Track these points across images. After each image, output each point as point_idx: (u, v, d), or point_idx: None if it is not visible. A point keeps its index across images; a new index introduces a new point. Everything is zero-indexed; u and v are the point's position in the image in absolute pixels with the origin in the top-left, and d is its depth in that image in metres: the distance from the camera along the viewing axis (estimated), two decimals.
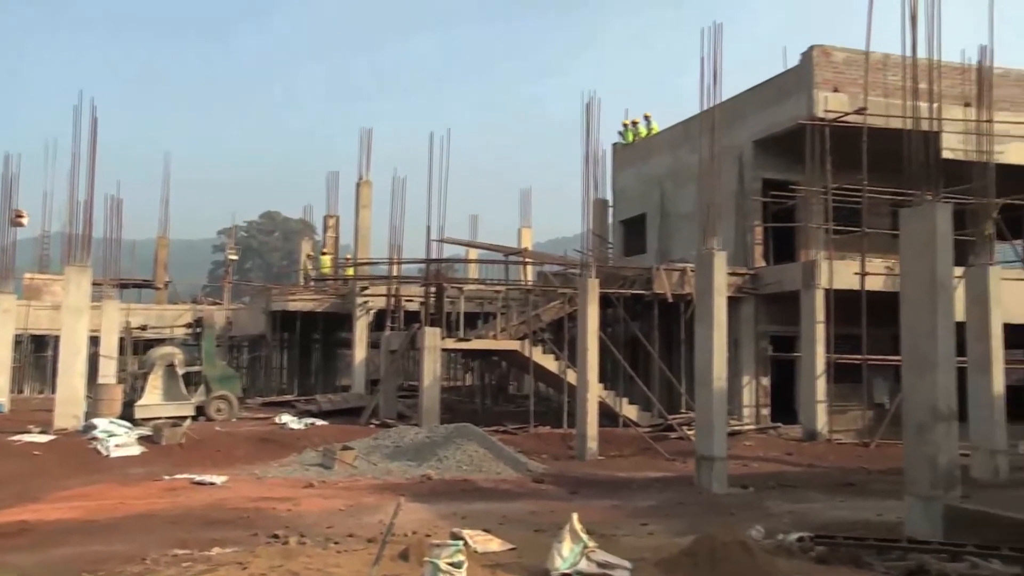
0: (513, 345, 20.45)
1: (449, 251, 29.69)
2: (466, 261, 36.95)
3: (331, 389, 30.13)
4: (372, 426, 19.85)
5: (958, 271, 13.43)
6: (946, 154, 15.16)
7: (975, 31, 15.95)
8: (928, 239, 9.21)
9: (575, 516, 7.71)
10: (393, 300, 24.69)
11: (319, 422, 20.33)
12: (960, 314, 12.98)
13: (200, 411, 20.84)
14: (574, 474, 14.76)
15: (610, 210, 28.73)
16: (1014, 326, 16.69)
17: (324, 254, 33.80)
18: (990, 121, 16.11)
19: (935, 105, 10.06)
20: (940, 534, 8.62)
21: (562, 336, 20.55)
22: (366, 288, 26.56)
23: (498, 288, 23.60)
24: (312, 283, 31.69)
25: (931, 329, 9.09)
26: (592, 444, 16.84)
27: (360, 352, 26.47)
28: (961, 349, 11.14)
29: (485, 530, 9.15)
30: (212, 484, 12.98)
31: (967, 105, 17.53)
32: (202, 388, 21.46)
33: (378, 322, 25.91)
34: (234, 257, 48.65)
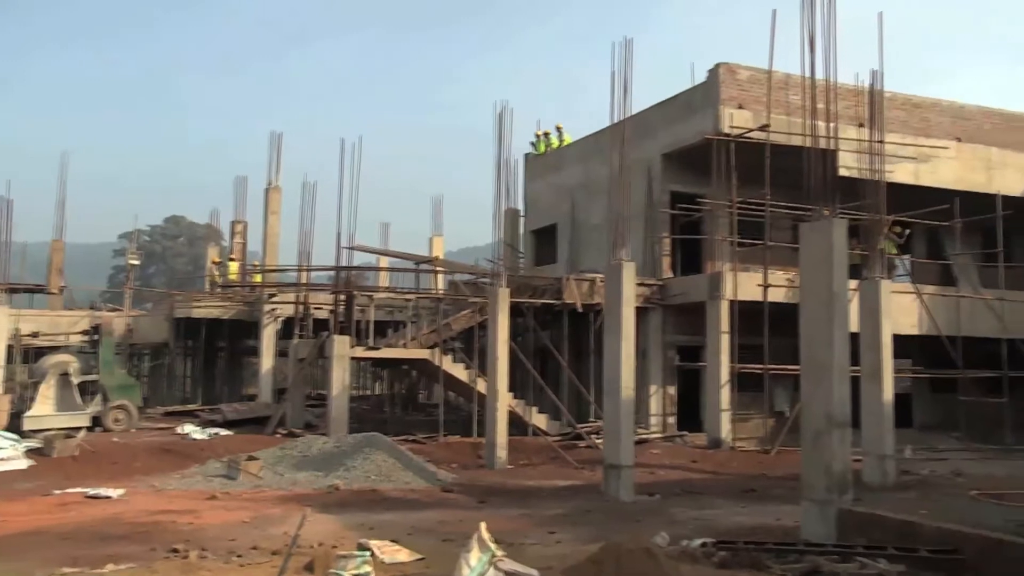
0: (423, 354, 20.36)
1: (359, 259, 29.41)
2: (377, 269, 36.56)
3: (237, 398, 29.40)
4: (279, 436, 19.46)
5: (853, 284, 13.98)
6: (842, 172, 15.76)
7: (867, 56, 16.68)
8: (825, 253, 9.57)
9: (483, 525, 7.70)
10: (302, 308, 24.29)
11: (224, 432, 19.82)
12: (854, 325, 13.56)
13: (96, 422, 20.06)
14: (483, 483, 14.76)
15: (522, 220, 28.92)
16: (901, 337, 17.54)
17: (231, 260, 32.98)
18: (881, 141, 16.87)
19: (832, 124, 10.46)
20: (834, 536, 8.93)
21: (472, 345, 20.56)
22: (274, 295, 26.05)
23: (409, 296, 23.47)
24: (218, 290, 30.89)
25: (828, 339, 9.43)
26: (501, 453, 16.87)
27: (267, 361, 25.93)
28: (855, 359, 11.61)
29: (393, 540, 9.06)
30: (107, 498, 12.49)
31: (861, 126, 18.33)
32: (99, 398, 20.67)
33: (286, 330, 25.43)
34: (136, 262, 46.93)
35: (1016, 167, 23.46)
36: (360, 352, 20.25)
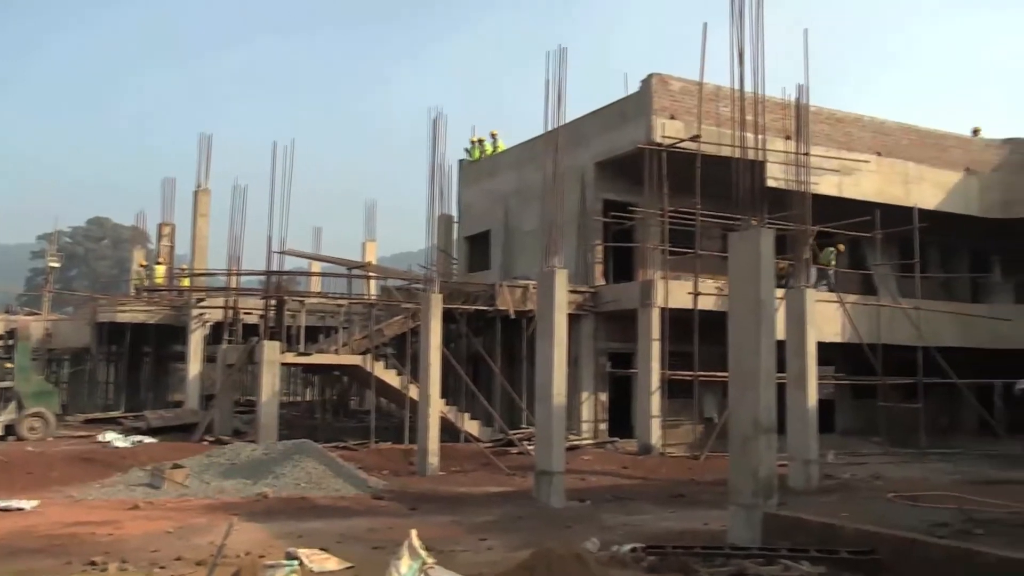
0: (355, 360, 20.16)
1: (291, 263, 28.95)
2: (309, 274, 36.16)
3: (162, 405, 28.66)
4: (206, 443, 19.04)
5: (779, 293, 14.31)
6: (770, 183, 16.13)
7: (794, 70, 17.15)
8: (753, 262, 9.77)
9: (414, 532, 7.66)
10: (231, 312, 23.83)
11: (148, 440, 19.31)
12: (781, 333, 13.89)
13: (10, 430, 19.35)
14: (414, 490, 14.67)
15: (455, 226, 28.91)
16: (825, 344, 18.04)
17: (158, 263, 32.20)
18: (807, 154, 17.32)
19: (760, 137, 10.72)
20: (759, 540, 9.12)
21: (405, 351, 20.44)
22: (203, 300, 25.51)
23: (341, 302, 23.23)
24: (144, 293, 30.10)
25: (755, 347, 9.63)
26: (433, 460, 16.80)
27: (195, 366, 25.38)
28: (781, 366, 11.89)
29: (322, 548, 8.93)
30: (19, 510, 11.94)
31: (788, 138, 18.78)
32: (13, 405, 19.94)
33: (215, 335, 24.93)
34: (55, 264, 45.48)
35: (931, 182, 24.37)
36: (291, 358, 19.96)
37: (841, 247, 22.68)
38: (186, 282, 28.86)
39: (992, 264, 26.58)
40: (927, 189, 24.20)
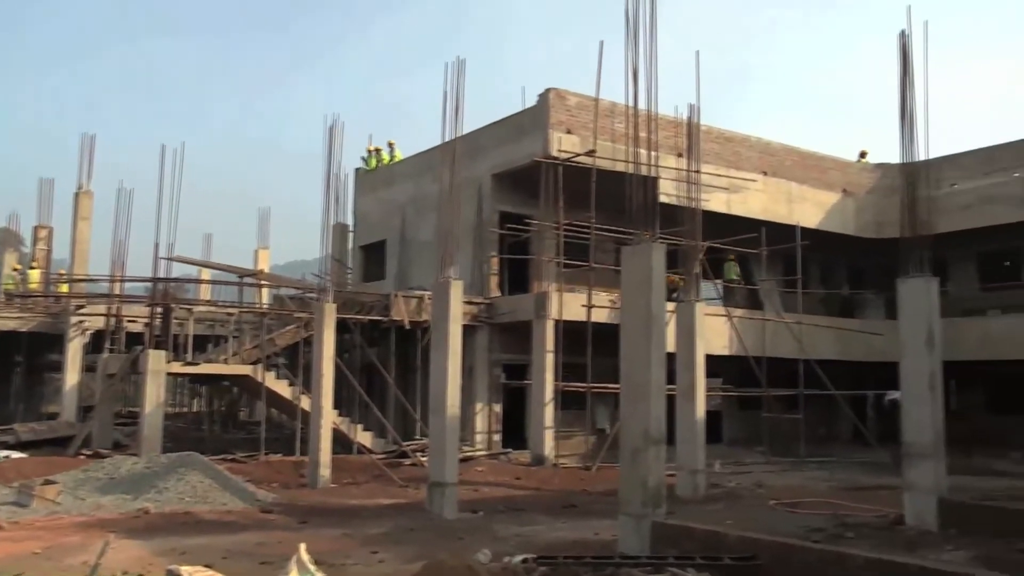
0: (245, 370, 19.64)
1: (179, 270, 28.05)
2: (198, 281, 35.01)
3: (35, 417, 27.16)
4: (83, 457, 18.16)
5: (670, 306, 14.68)
6: (662, 198, 16.53)
7: (685, 89, 17.67)
8: (645, 276, 9.99)
9: (303, 546, 7.50)
10: (114, 320, 22.87)
11: (16, 454, 18.25)
12: (671, 345, 14.25)
13: None
14: (305, 503, 14.37)
15: (351, 235, 28.57)
16: (713, 357, 18.62)
17: (33, 267, 30.62)
18: (698, 171, 17.86)
19: (653, 153, 10.99)
20: (648, 548, 9.30)
21: (297, 361, 20.05)
22: (82, 307, 24.37)
23: (231, 310, 22.58)
24: (17, 299, 28.54)
25: (646, 359, 9.84)
26: (325, 472, 16.50)
27: (72, 376, 24.18)
28: (671, 378, 12.19)
29: (206, 565, 8.63)
30: None
31: (680, 155, 19.33)
32: None
33: (96, 344, 23.84)
34: None
35: (812, 201, 25.52)
36: (177, 368, 19.28)
37: (733, 257, 23.60)
38: (65, 288, 27.53)
39: (867, 281, 27.97)
40: (809, 208, 25.31)
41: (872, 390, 24.46)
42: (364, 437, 19.85)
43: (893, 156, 13.00)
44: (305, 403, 18.38)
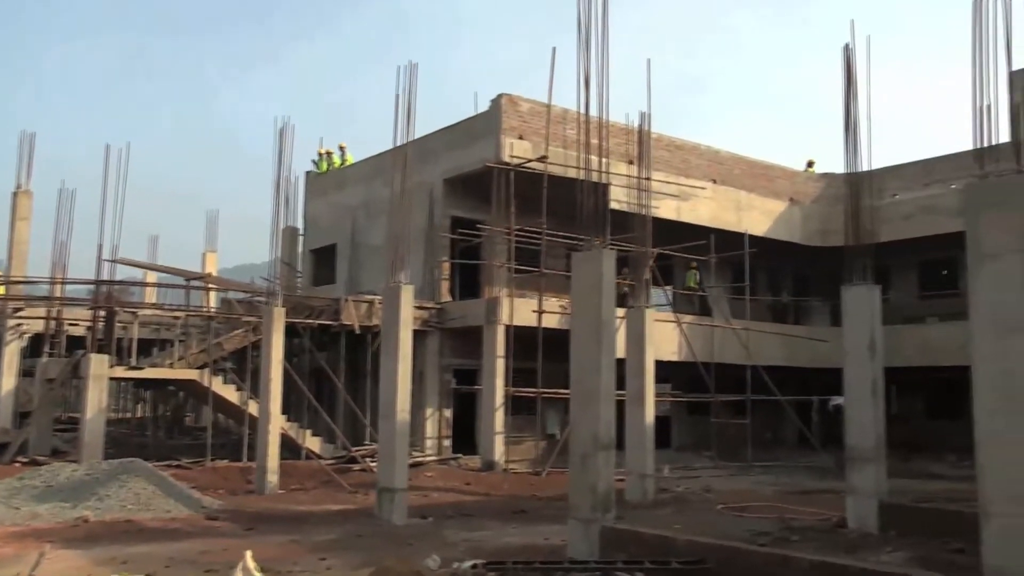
0: (191, 374, 19.31)
1: (123, 272, 27.50)
2: (143, 284, 34.37)
3: None
4: (19, 464, 17.66)
5: (620, 312, 14.78)
6: (613, 205, 16.63)
7: (637, 97, 17.87)
8: (595, 281, 10.05)
9: (248, 554, 7.39)
10: (54, 324, 22.31)
11: None
12: (622, 351, 14.35)
13: None
14: (252, 509, 14.15)
15: (301, 238, 28.27)
16: (663, 363, 18.80)
17: None
18: (648, 179, 18.04)
19: (604, 160, 11.06)
20: (597, 553, 9.35)
21: (245, 366, 19.76)
22: (20, 309, 23.71)
23: (177, 314, 22.19)
24: None
25: (596, 365, 9.89)
26: (272, 477, 16.28)
27: (8, 381, 23.47)
28: (621, 383, 12.28)
29: (148, 574, 8.47)
30: None
31: (630, 163, 19.48)
32: None
33: (34, 347, 23.22)
34: None
35: (760, 210, 25.92)
36: (120, 372, 18.88)
37: (695, 266, 23.92)
38: (1, 290, 26.78)
39: (812, 288, 28.48)
40: (756, 216, 25.71)
41: (817, 395, 24.92)
42: (313, 442, 19.63)
43: (840, 166, 13.26)
44: (253, 408, 18.13)
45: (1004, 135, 7.86)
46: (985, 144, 7.71)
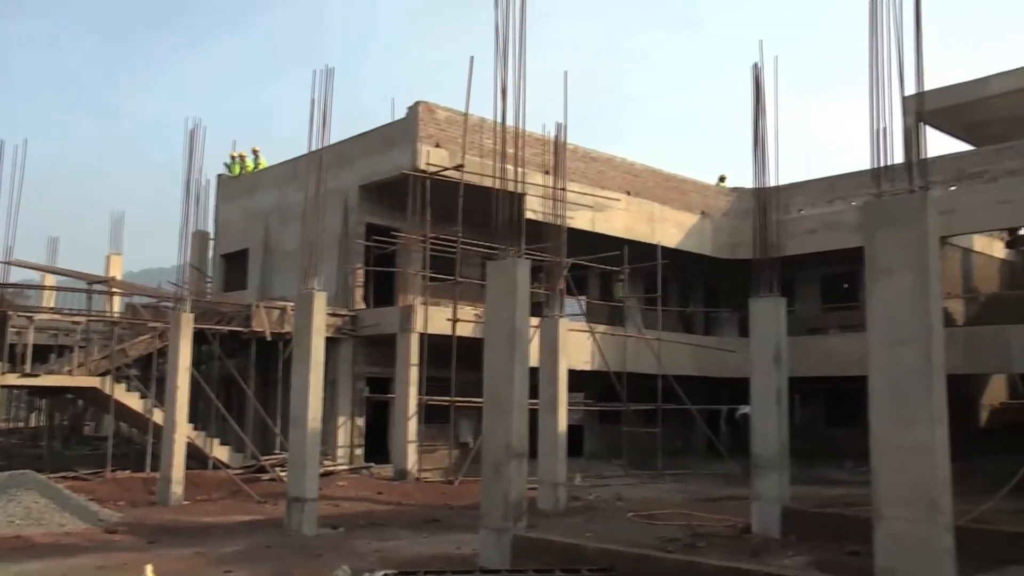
0: (92, 382, 18.60)
1: (19, 275, 26.32)
2: (40, 287, 33.01)
3: None
4: None
5: (534, 321, 14.89)
6: (528, 215, 16.78)
7: (554, 108, 18.03)
8: (509, 290, 10.11)
9: (149, 568, 7.17)
10: None
11: None
12: (535, 360, 14.45)
13: None
14: (154, 521, 13.71)
15: (211, 243, 27.60)
16: (576, 372, 19.00)
17: None
18: (564, 189, 18.23)
19: (520, 170, 11.13)
20: (508, 562, 9.38)
21: (151, 373, 19.16)
22: None
23: (78, 319, 21.34)
24: None
25: (509, 373, 9.94)
26: (177, 488, 15.82)
27: None
28: (534, 392, 12.36)
29: None
30: None
31: (546, 173, 19.66)
32: None
33: None
34: None
35: (673, 222, 26.48)
36: (13, 379, 18.05)
37: (623, 278, 24.32)
38: None
39: (722, 300, 29.21)
40: (669, 229, 26.24)
41: (725, 405, 25.55)
42: (221, 452, 19.15)
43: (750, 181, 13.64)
44: (158, 416, 17.60)
45: (899, 156, 8.23)
46: (881, 164, 8.05)
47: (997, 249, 28.79)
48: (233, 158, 27.52)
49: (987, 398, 27.04)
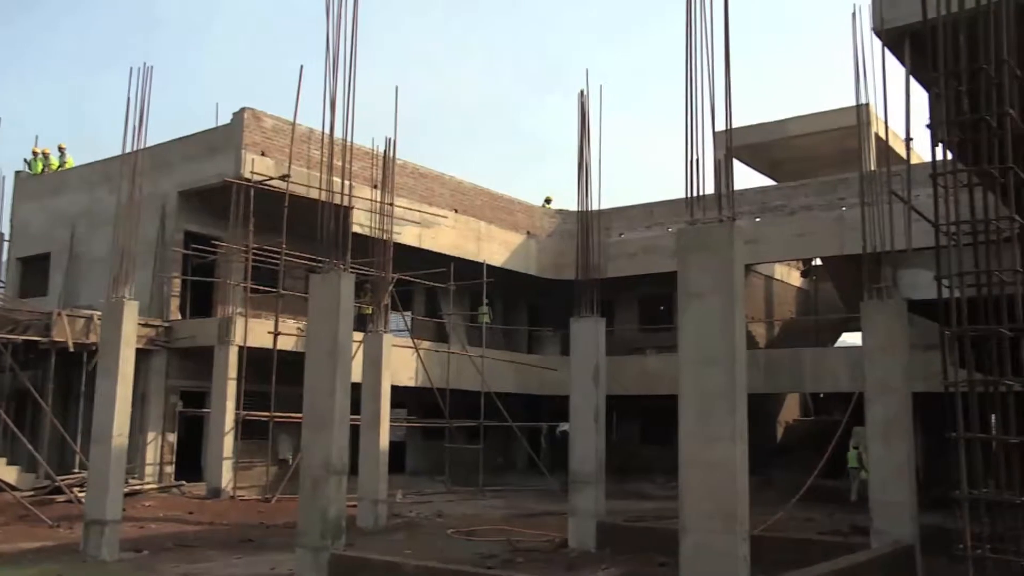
0: None
1: None
2: None
3: None
4: None
5: (357, 336, 14.71)
6: (355, 228, 16.61)
7: (384, 124, 18.00)
8: (332, 304, 9.95)
9: None
10: None
11: None
12: (358, 375, 14.26)
13: None
14: None
15: (6, 244, 25.48)
16: (400, 388, 18.93)
17: None
18: (392, 204, 18.17)
19: (348, 183, 11.01)
20: None
21: None
22: None
23: None
24: None
25: (330, 388, 9.77)
26: None
27: None
28: (356, 407, 12.19)
29: None
30: None
31: (375, 187, 19.54)
32: None
33: None
34: None
35: (499, 241, 26.95)
36: None
37: (488, 303, 24.54)
38: None
39: (545, 319, 29.95)
40: (496, 247, 26.68)
41: (546, 422, 26.16)
42: (8, 472, 17.60)
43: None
44: None
45: (711, 187, 8.76)
46: (694, 194, 8.55)
47: (794, 278, 31.20)
48: (35, 154, 25.59)
49: (783, 415, 29.14)
